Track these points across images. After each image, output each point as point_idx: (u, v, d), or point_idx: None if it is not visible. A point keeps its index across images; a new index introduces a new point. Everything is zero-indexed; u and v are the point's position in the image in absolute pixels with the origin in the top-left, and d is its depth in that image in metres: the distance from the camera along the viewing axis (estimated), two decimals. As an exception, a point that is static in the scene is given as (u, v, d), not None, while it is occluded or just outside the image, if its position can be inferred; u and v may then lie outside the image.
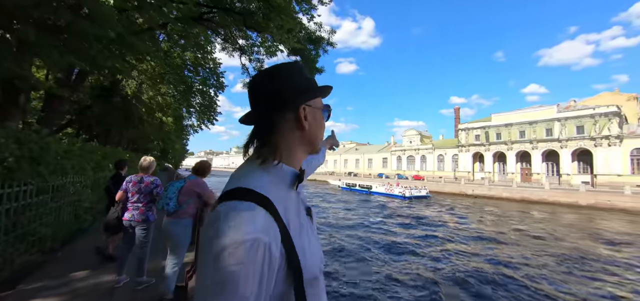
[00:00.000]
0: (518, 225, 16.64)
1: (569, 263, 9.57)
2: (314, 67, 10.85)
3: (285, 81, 0.66)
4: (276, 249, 0.53)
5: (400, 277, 7.94)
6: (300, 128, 0.66)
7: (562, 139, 37.87)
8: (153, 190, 3.37)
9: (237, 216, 0.52)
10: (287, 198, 0.62)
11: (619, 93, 48.34)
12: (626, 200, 23.84)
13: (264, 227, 0.52)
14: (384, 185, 34.68)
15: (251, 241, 0.49)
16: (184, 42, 10.81)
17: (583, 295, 7.21)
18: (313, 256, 0.62)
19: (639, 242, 12.91)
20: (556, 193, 28.02)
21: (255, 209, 0.54)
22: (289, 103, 0.65)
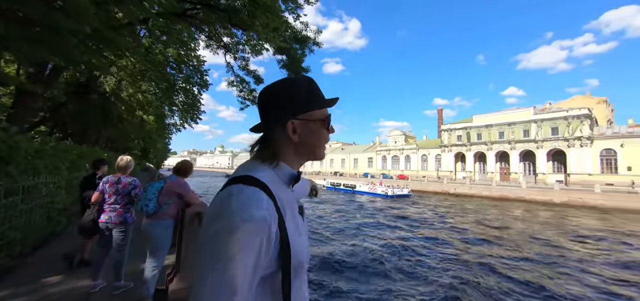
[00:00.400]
0: (496, 222, 17.25)
1: (542, 258, 10.01)
2: (300, 67, 10.81)
3: (280, 97, 0.75)
4: (274, 228, 0.61)
5: (373, 269, 8.07)
6: (291, 140, 0.74)
7: (538, 140, 39.58)
8: (131, 191, 3.25)
9: (247, 196, 0.60)
10: (284, 192, 0.70)
11: (590, 96, 51.07)
12: (596, 197, 25.24)
13: (268, 208, 0.60)
14: (367, 185, 35.48)
15: (259, 218, 0.58)
16: (166, 38, 10.51)
17: (555, 289, 7.56)
18: (302, 246, 0.69)
19: (610, 238, 13.67)
20: (532, 192, 29.27)
21: (260, 193, 0.62)
22: (281, 118, 0.74)
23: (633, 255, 10.89)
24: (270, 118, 0.76)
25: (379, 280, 7.75)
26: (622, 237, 13.80)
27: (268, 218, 0.59)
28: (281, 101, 0.74)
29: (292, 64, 10.39)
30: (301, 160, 0.79)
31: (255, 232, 0.56)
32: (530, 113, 41.55)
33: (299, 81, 0.77)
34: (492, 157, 44.35)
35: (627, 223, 17.90)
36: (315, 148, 0.78)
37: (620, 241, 13.00)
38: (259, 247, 0.57)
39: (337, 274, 8.10)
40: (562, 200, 26.55)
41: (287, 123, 0.73)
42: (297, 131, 0.74)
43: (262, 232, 0.58)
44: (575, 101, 48.59)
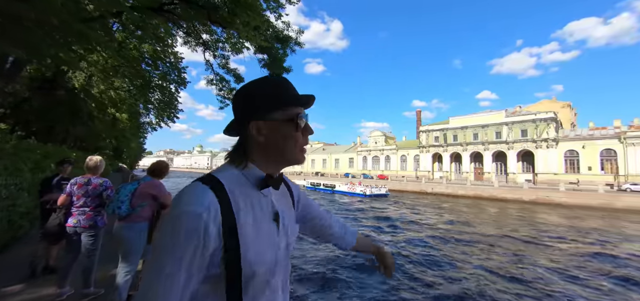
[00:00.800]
0: (470, 220, 17.98)
1: (511, 253, 10.55)
2: (282, 66, 10.74)
3: (246, 97, 0.73)
4: (214, 228, 0.59)
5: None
6: (257, 140, 0.72)
7: (509, 141, 41.70)
8: (102, 193, 3.08)
9: (189, 193, 0.61)
10: (249, 195, 0.69)
11: (555, 101, 54.40)
12: (561, 195, 26.96)
13: (207, 206, 0.59)
14: (346, 185, 36.11)
15: (193, 214, 0.57)
16: (142, 33, 10.09)
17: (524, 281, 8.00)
18: (259, 255, 0.65)
19: (572, 232, 14.63)
20: (503, 191, 30.78)
21: (206, 191, 0.61)
22: (245, 118, 0.72)
23: (594, 248, 11.73)
24: (238, 117, 0.74)
25: (357, 277, 7.85)
26: (584, 233, 14.82)
27: (204, 215, 0.58)
28: (247, 101, 0.73)
29: (274, 63, 10.30)
30: (274, 163, 0.75)
31: (187, 227, 0.56)
32: (502, 116, 43.70)
33: (267, 80, 0.74)
34: (467, 157, 46.20)
35: (588, 219, 19.25)
36: (284, 151, 0.74)
37: (582, 235, 13.96)
38: (192, 243, 0.56)
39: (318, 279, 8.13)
40: (530, 198, 28.13)
41: (250, 123, 0.71)
42: (262, 132, 0.71)
43: (194, 228, 0.56)
44: (543, 105, 51.64)
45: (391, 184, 40.81)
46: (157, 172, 3.06)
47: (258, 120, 0.71)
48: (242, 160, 0.72)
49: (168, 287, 0.54)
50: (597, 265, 9.52)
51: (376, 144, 60.99)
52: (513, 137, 41.65)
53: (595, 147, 35.14)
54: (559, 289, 7.40)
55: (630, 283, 7.92)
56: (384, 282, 7.33)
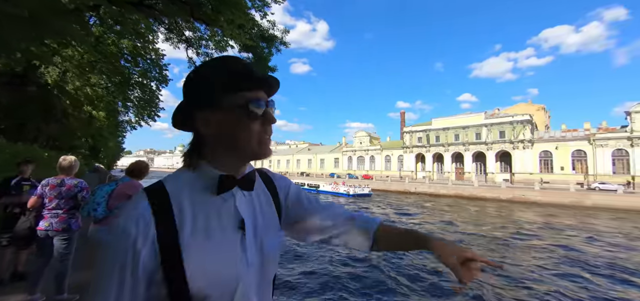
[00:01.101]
0: (452, 218, 18.51)
1: (491, 248, 10.95)
2: (267, 66, 10.65)
3: (191, 85, 0.63)
4: (144, 244, 0.51)
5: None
6: (206, 135, 0.62)
7: (488, 142, 43.23)
8: (77, 194, 2.94)
9: (126, 205, 0.56)
10: (202, 201, 0.59)
11: (531, 104, 56.90)
12: (536, 194, 28.26)
13: (136, 219, 0.52)
14: (330, 184, 36.53)
15: (120, 229, 0.51)
16: (121, 28, 9.72)
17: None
18: (211, 274, 0.54)
19: (547, 229, 15.35)
20: (483, 190, 31.92)
21: (140, 200, 0.55)
22: (190, 110, 0.62)
23: (570, 241, 12.36)
24: (186, 107, 0.64)
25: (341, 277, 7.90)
26: (557, 229, 15.58)
27: (132, 230, 0.51)
28: (191, 89, 0.62)
29: (259, 62, 10.19)
30: (232, 159, 0.64)
31: (114, 245, 0.51)
32: (482, 118, 45.24)
33: (214, 62, 0.63)
34: (449, 157, 47.52)
35: (561, 216, 20.25)
36: (240, 144, 0.62)
37: (555, 231, 14.69)
38: (120, 264, 0.50)
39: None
40: (507, 197, 29.29)
41: (196, 115, 0.61)
42: (211, 124, 0.61)
43: (122, 246, 0.51)
44: (519, 108, 53.89)
45: (376, 184, 41.48)
46: (136, 172, 2.96)
47: (204, 110, 0.60)
48: (191, 160, 0.62)
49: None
50: (568, 260, 10.03)
51: (361, 144, 61.63)
52: (492, 138, 43.23)
53: (567, 148, 37.04)
54: (536, 284, 7.75)
55: (594, 272, 8.42)
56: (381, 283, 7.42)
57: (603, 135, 34.76)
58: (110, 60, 11.44)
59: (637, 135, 32.44)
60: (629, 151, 33.00)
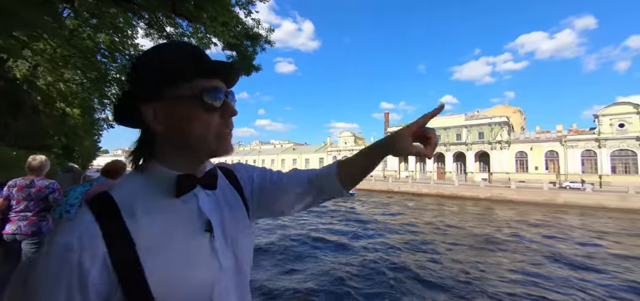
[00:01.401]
0: (434, 215, 19.00)
1: (470, 246, 11.34)
2: (251, 64, 10.52)
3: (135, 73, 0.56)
4: (92, 262, 0.44)
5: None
6: (156, 130, 0.54)
7: (468, 143, 44.67)
8: (48, 196, 2.81)
9: (66, 220, 0.49)
10: (158, 207, 0.52)
11: (508, 106, 59.26)
12: (512, 193, 29.49)
13: (79, 236, 0.44)
14: None
15: (59, 247, 0.44)
16: (97, 22, 9.31)
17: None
18: (179, 284, 0.49)
19: (523, 225, 16.05)
20: (463, 189, 32.97)
21: (82, 214, 0.47)
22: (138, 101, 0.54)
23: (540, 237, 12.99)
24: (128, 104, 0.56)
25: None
26: (529, 225, 16.33)
27: (74, 247, 0.44)
28: (137, 78, 0.55)
29: (243, 60, 10.06)
30: (189, 157, 0.57)
31: (52, 268, 0.44)
32: (462, 119, 46.69)
33: (162, 46, 0.57)
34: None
35: (535, 213, 21.23)
36: (195, 140, 0.54)
37: (531, 226, 15.40)
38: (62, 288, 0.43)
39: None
40: (486, 196, 30.41)
41: (143, 108, 0.53)
42: (160, 117, 0.53)
43: (61, 268, 0.43)
44: (497, 110, 56.01)
45: (360, 183, 41.77)
46: (112, 172, 2.84)
47: (152, 102, 0.53)
48: (138, 160, 0.56)
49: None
50: (544, 255, 10.54)
51: (346, 144, 62.11)
52: (471, 139, 44.72)
53: (541, 149, 38.87)
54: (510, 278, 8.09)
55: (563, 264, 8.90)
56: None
57: (573, 136, 36.73)
58: (85, 55, 10.93)
59: (603, 137, 34.49)
60: (596, 152, 35.03)
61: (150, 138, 0.56)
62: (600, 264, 9.51)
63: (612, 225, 17.47)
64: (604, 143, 34.38)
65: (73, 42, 10.07)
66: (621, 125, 34.06)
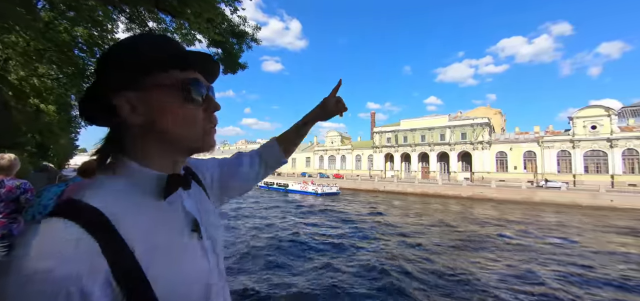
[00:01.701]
0: (418, 213, 19.39)
1: (452, 242, 11.66)
2: (237, 62, 10.37)
3: (109, 62, 0.51)
4: (97, 285, 0.37)
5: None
6: (134, 123, 0.50)
7: (451, 143, 45.81)
8: (20, 196, 2.67)
9: (39, 240, 0.37)
10: (147, 211, 0.48)
11: (490, 108, 61.14)
12: (493, 191, 30.51)
13: (77, 256, 0.37)
14: (299, 184, 36.92)
15: (51, 276, 0.35)
16: (74, 14, 8.92)
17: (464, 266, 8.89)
18: (183, 285, 0.47)
19: (502, 222, 16.64)
20: (446, 188, 33.81)
21: (68, 229, 0.38)
22: (111, 91, 0.49)
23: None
24: (98, 96, 0.50)
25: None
26: (507, 222, 16.96)
27: (74, 272, 0.36)
28: (111, 66, 0.50)
29: (229, 58, 9.90)
30: (170, 153, 0.54)
31: (44, 296, 0.34)
32: (446, 120, 47.83)
33: (138, 36, 0.54)
34: (416, 157, 49.66)
35: (514, 211, 22.05)
36: (181, 134, 0.52)
37: (511, 224, 15.99)
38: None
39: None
40: (468, 194, 31.32)
41: (117, 99, 0.48)
42: (138, 108, 0.49)
43: (58, 293, 0.35)
44: (479, 111, 57.70)
45: (347, 183, 42.32)
46: (89, 172, 2.73)
47: (128, 90, 0.48)
48: (116, 161, 0.50)
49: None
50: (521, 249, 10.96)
51: (332, 144, 62.32)
52: (454, 139, 45.88)
53: (520, 149, 40.36)
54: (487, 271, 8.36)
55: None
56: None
57: (550, 137, 38.34)
58: (61, 49, 10.44)
59: (577, 138, 36.21)
60: (571, 152, 36.72)
61: (122, 135, 0.51)
62: (574, 259, 9.99)
63: (586, 221, 18.39)
64: (578, 144, 36.10)
65: (48, 35, 9.61)
66: (593, 127, 35.85)
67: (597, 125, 35.57)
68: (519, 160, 40.31)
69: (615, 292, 7.34)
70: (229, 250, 9.66)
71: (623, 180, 32.59)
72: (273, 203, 24.98)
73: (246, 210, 19.76)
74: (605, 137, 34.58)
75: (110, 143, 0.52)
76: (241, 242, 11.09)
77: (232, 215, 17.47)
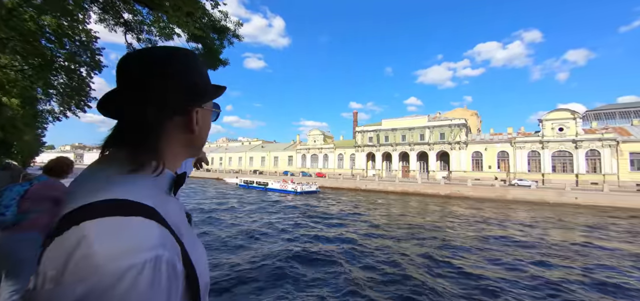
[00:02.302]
0: (398, 211, 19.83)
1: (431, 237, 12.03)
2: (218, 58, 10.13)
3: (182, 75, 0.57)
4: (179, 263, 0.45)
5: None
6: (189, 132, 0.59)
7: (430, 143, 47.18)
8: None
9: (121, 235, 0.39)
10: (171, 206, 0.53)
11: (467, 109, 63.46)
12: (469, 190, 31.72)
13: (163, 241, 0.42)
14: (278, 182, 37.07)
15: (153, 259, 0.39)
16: (41, 2, 8.38)
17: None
18: (203, 264, 0.56)
19: (478, 218, 17.34)
20: (425, 186, 34.79)
21: (145, 222, 0.42)
22: (182, 104, 0.57)
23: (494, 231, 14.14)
24: (158, 100, 0.54)
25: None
26: (484, 219, 17.70)
27: (167, 253, 0.42)
28: (181, 80, 0.57)
29: (209, 54, 9.64)
30: (183, 156, 0.63)
31: (156, 285, 0.39)
32: (425, 121, 49.17)
33: (195, 56, 0.63)
34: (396, 156, 50.72)
35: (488, 209, 23.04)
36: (204, 143, 0.67)
37: (484, 221, 16.70)
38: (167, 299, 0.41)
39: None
40: (446, 193, 32.39)
41: (191, 111, 0.58)
42: (200, 122, 0.61)
43: (165, 277, 0.40)
44: (457, 112, 59.78)
45: (329, 182, 42.51)
46: (56, 170, 2.59)
47: (200, 107, 0.60)
48: (159, 162, 0.54)
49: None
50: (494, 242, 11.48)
51: (315, 143, 62.37)
52: (433, 139, 47.29)
53: (494, 149, 42.21)
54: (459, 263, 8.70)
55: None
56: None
57: (521, 138, 40.36)
58: (27, 39, 9.76)
59: (546, 140, 38.36)
60: (540, 153, 38.85)
61: (162, 138, 0.56)
62: (542, 254, 10.58)
63: (551, 216, 19.53)
64: (547, 145, 38.25)
65: (12, 23, 8.95)
66: (560, 129, 38.11)
67: (564, 128, 37.84)
68: (494, 159, 42.16)
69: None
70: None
71: (586, 179, 34.91)
72: (252, 200, 24.70)
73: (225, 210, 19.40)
74: (570, 139, 36.86)
75: (145, 143, 0.54)
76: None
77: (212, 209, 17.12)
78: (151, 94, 0.55)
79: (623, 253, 11.01)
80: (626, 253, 11.11)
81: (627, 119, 45.08)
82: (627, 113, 47.45)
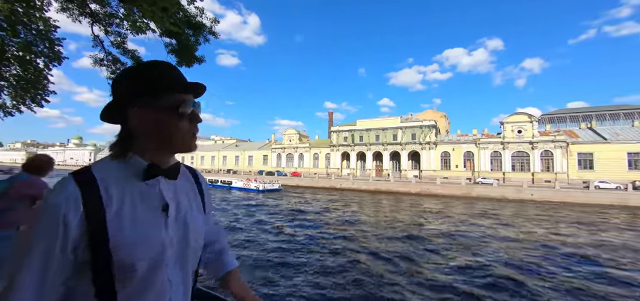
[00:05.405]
0: (370, 208, 20.42)
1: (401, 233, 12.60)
2: (193, 55, 9.85)
3: (125, 83, 0.71)
4: (74, 217, 0.59)
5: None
6: (139, 129, 0.70)
7: (402, 143, 48.89)
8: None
9: (53, 187, 0.62)
10: (128, 185, 0.67)
11: (436, 111, 66.53)
12: (438, 188, 33.33)
13: (66, 196, 0.59)
14: (242, 181, 37.46)
15: (51, 205, 0.58)
16: (-7, -14, 7.68)
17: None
18: (136, 246, 0.63)
19: (449, 216, 18.34)
20: (397, 185, 36.05)
21: (67, 182, 0.61)
22: (127, 105, 0.70)
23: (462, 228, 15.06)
24: (119, 101, 0.71)
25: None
26: (454, 217, 18.78)
27: (62, 206, 0.58)
28: (129, 86, 0.70)
29: (184, 50, 9.36)
30: (160, 151, 0.73)
31: (46, 219, 0.58)
32: (398, 121, 50.89)
33: (151, 64, 0.72)
34: (370, 156, 51.98)
35: (456, 206, 24.43)
36: (169, 139, 0.71)
37: (457, 220, 17.71)
38: (51, 235, 0.57)
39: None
40: (416, 191, 33.83)
41: (130, 111, 0.69)
42: (146, 120, 0.69)
43: (52, 219, 0.58)
44: (427, 114, 62.54)
45: (304, 181, 42.71)
46: (35, 167, 2.51)
47: (141, 107, 0.69)
48: (122, 151, 0.69)
49: (28, 282, 0.55)
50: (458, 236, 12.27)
51: (290, 142, 62.12)
52: (405, 139, 49.08)
53: (461, 150, 44.70)
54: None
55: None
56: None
57: (485, 139, 43.11)
58: (-25, 26, 8.90)
59: (507, 141, 41.32)
60: (501, 153, 41.77)
61: (131, 134, 0.71)
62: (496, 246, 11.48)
63: (508, 212, 21.17)
64: (507, 146, 41.21)
65: (-44, 7, 8.12)
66: (519, 131, 41.23)
67: (522, 130, 40.97)
68: (460, 159, 44.65)
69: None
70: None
71: (541, 177, 38.10)
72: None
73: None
74: (528, 140, 40.00)
75: (122, 140, 0.71)
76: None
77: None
78: (115, 95, 0.72)
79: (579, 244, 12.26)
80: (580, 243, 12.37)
81: (576, 123, 50.64)
82: (576, 118, 52.87)
